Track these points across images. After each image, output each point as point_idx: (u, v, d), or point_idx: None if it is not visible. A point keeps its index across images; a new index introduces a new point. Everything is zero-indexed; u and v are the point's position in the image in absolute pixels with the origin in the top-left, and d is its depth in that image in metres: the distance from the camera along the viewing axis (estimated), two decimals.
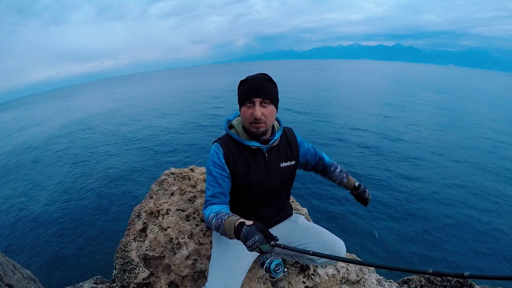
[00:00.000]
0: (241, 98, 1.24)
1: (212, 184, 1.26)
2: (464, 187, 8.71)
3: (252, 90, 1.19)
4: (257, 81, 1.21)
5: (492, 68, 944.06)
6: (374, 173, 9.46)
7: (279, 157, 1.34)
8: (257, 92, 1.19)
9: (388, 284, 2.10)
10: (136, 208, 2.24)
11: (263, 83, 1.21)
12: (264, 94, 1.19)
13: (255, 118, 1.19)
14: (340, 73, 76.78)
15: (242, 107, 1.24)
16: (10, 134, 23.35)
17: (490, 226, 6.77)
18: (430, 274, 0.73)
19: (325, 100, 26.27)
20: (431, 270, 0.74)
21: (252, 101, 1.19)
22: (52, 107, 46.00)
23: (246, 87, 1.21)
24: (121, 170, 10.99)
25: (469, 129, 16.44)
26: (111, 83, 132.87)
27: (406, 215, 7.18)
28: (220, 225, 1.07)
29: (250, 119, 1.21)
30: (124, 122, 21.05)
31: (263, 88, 1.20)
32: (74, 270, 5.83)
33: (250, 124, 1.22)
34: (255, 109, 1.19)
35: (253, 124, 1.21)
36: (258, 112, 1.18)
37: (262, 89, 1.19)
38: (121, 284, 1.83)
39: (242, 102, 1.23)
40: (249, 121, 1.22)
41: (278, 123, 1.41)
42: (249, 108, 1.21)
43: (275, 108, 1.26)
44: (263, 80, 1.22)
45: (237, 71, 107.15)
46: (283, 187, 1.40)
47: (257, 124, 1.21)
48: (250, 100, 1.20)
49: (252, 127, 1.22)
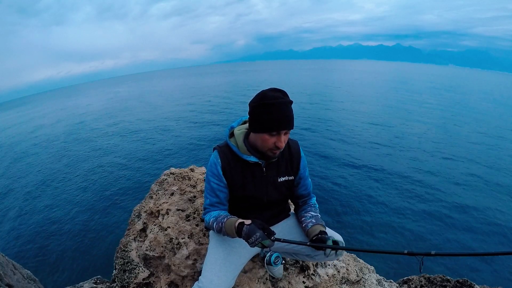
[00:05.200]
0: (265, 127, 1.12)
1: (210, 193, 1.29)
2: (459, 184, 8.73)
3: (282, 122, 1.11)
4: (285, 110, 1.11)
5: (492, 68, 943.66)
6: (373, 172, 9.48)
7: (277, 171, 1.32)
8: (287, 125, 1.12)
9: (388, 284, 2.11)
10: (136, 208, 2.24)
11: (290, 111, 1.13)
12: (292, 124, 1.14)
13: (278, 147, 1.16)
14: (340, 73, 76.76)
15: (264, 133, 1.14)
16: (11, 135, 23.35)
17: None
18: (405, 254, 0.93)
19: (325, 100, 26.26)
20: (406, 251, 0.93)
21: (279, 132, 1.13)
22: (53, 106, 45.96)
23: (272, 116, 1.10)
24: (121, 170, 10.99)
25: (468, 128, 16.46)
26: (111, 83, 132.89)
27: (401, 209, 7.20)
28: (221, 227, 1.16)
29: (271, 147, 1.17)
30: (124, 122, 21.04)
31: (291, 118, 1.13)
32: (74, 270, 5.83)
33: (269, 150, 1.18)
34: (281, 139, 1.14)
35: (273, 150, 1.18)
36: (283, 143, 1.15)
37: (291, 120, 1.13)
38: (121, 284, 1.83)
39: (265, 130, 1.13)
40: (269, 147, 1.17)
41: None
42: (272, 136, 1.14)
43: None
44: (289, 107, 1.13)
45: (237, 71, 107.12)
46: (280, 198, 1.40)
47: (277, 150, 1.18)
48: (278, 132, 1.13)
49: (271, 153, 1.19)
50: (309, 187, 1.45)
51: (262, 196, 1.32)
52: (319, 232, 1.24)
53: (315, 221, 1.33)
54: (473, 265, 5.50)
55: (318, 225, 1.30)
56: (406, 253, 0.94)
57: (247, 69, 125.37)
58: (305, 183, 1.42)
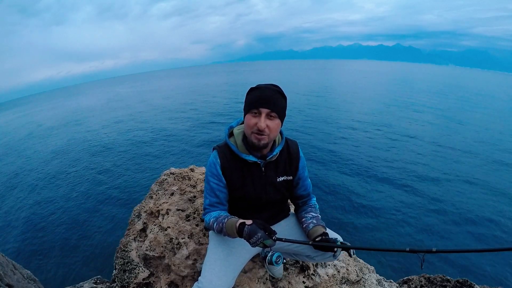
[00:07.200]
0: (248, 105, 1.18)
1: (210, 193, 1.30)
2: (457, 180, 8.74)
3: (261, 99, 1.14)
4: (268, 91, 1.15)
5: (492, 68, 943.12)
6: (372, 170, 9.48)
7: (276, 171, 1.32)
8: (266, 103, 1.13)
9: (388, 284, 2.10)
10: (136, 208, 2.24)
11: (274, 95, 1.16)
12: (272, 105, 1.14)
13: (259, 129, 1.14)
14: (340, 74, 76.75)
15: (247, 114, 1.18)
16: (13, 135, 23.36)
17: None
18: (407, 252, 0.96)
19: (325, 100, 26.26)
20: (408, 248, 0.96)
21: (259, 110, 1.14)
22: (52, 106, 45.98)
23: (255, 95, 1.16)
24: (121, 170, 10.98)
25: (468, 127, 16.45)
26: (111, 83, 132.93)
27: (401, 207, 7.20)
28: (222, 228, 1.16)
29: (253, 129, 1.16)
30: (124, 122, 21.03)
31: (273, 100, 1.14)
32: (74, 270, 5.82)
33: (252, 134, 1.17)
34: (260, 119, 1.13)
35: (255, 134, 1.16)
36: (263, 124, 1.13)
37: (271, 101, 1.14)
38: (121, 284, 1.83)
39: (248, 109, 1.18)
40: (252, 130, 1.16)
41: (280, 136, 1.34)
42: (254, 117, 1.15)
43: (281, 123, 1.21)
44: (274, 91, 1.17)
45: (236, 71, 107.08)
46: (279, 198, 1.40)
47: (260, 135, 1.16)
48: (257, 109, 1.14)
49: (254, 138, 1.17)
50: (309, 188, 1.45)
51: (261, 196, 1.32)
52: (322, 234, 1.24)
53: (316, 222, 1.32)
54: (473, 265, 5.48)
55: (319, 226, 1.30)
56: (408, 250, 0.97)
57: (247, 69, 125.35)
58: (304, 183, 1.41)
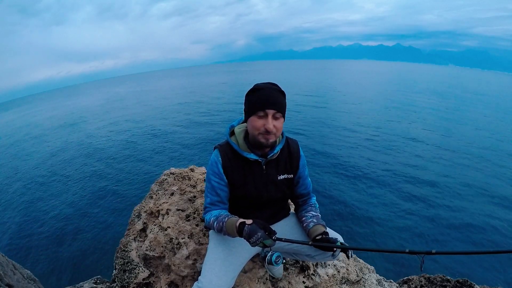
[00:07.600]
0: (253, 107, 1.19)
1: (211, 192, 1.31)
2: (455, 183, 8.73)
3: (267, 101, 1.15)
4: (271, 92, 1.17)
5: (492, 68, 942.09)
6: (372, 169, 9.48)
7: (277, 169, 1.34)
8: (272, 104, 1.15)
9: (388, 284, 2.10)
10: (136, 208, 2.24)
11: (277, 95, 1.18)
12: (278, 106, 1.17)
13: (267, 130, 1.16)
14: (340, 74, 76.77)
15: (252, 116, 1.20)
16: (13, 136, 23.35)
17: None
18: (406, 253, 0.96)
19: (325, 100, 26.25)
20: (408, 250, 0.96)
21: (266, 112, 1.16)
22: (52, 106, 45.97)
23: (259, 97, 1.17)
24: (121, 170, 10.98)
25: (468, 127, 16.45)
26: (111, 83, 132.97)
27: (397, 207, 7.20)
28: (222, 227, 1.18)
29: (260, 130, 1.18)
30: (124, 122, 21.03)
31: (278, 100, 1.17)
32: (74, 270, 5.83)
33: (260, 134, 1.19)
34: (268, 121, 1.16)
35: (263, 134, 1.19)
36: (271, 125, 1.16)
37: (276, 101, 1.17)
38: (121, 284, 1.83)
39: (253, 111, 1.19)
40: (259, 131, 1.19)
41: (281, 135, 1.36)
42: (261, 118, 1.17)
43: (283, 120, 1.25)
44: (276, 91, 1.19)
45: (236, 71, 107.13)
46: (280, 196, 1.40)
47: (268, 135, 1.18)
48: (264, 111, 1.16)
49: (262, 138, 1.19)
50: (309, 187, 1.46)
51: (262, 194, 1.33)
52: (322, 233, 1.25)
53: (316, 221, 1.33)
54: (473, 265, 5.49)
55: (319, 225, 1.31)
56: (408, 251, 0.97)
57: (247, 69, 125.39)
58: (304, 182, 1.42)
